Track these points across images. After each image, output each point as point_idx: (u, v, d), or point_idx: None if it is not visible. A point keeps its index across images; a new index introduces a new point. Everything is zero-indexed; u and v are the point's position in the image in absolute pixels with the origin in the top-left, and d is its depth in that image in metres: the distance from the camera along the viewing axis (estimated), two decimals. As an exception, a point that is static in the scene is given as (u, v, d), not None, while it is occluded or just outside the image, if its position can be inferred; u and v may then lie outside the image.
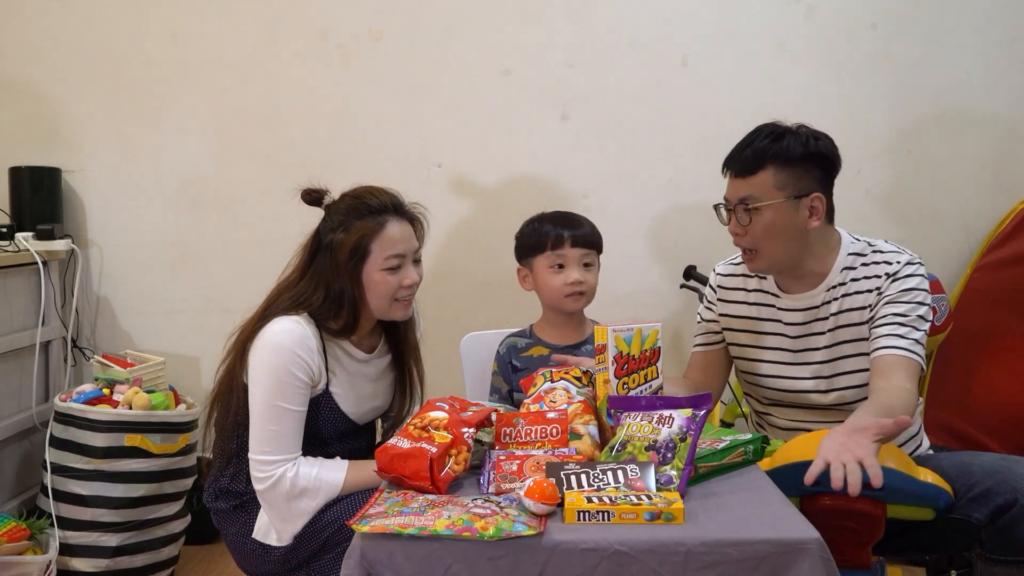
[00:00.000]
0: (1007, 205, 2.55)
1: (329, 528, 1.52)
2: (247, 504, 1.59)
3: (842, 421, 1.63)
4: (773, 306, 1.74)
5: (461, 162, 2.67)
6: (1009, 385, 2.43)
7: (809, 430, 1.67)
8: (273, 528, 1.55)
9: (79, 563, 2.23)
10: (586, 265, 1.78)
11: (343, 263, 1.56)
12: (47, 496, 2.26)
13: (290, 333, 1.53)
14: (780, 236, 1.62)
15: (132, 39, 2.69)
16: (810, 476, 1.27)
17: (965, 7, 2.55)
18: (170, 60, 2.69)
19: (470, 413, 1.41)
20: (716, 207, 1.71)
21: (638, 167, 2.64)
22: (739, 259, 1.82)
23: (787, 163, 1.61)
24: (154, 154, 2.72)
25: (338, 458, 1.59)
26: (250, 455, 1.54)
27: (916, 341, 1.57)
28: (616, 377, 1.47)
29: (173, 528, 2.37)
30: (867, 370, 1.63)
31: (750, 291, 1.79)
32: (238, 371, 1.58)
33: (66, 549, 2.22)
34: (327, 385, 1.60)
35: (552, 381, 1.54)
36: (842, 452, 1.28)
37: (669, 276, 2.62)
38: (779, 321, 1.73)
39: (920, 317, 1.59)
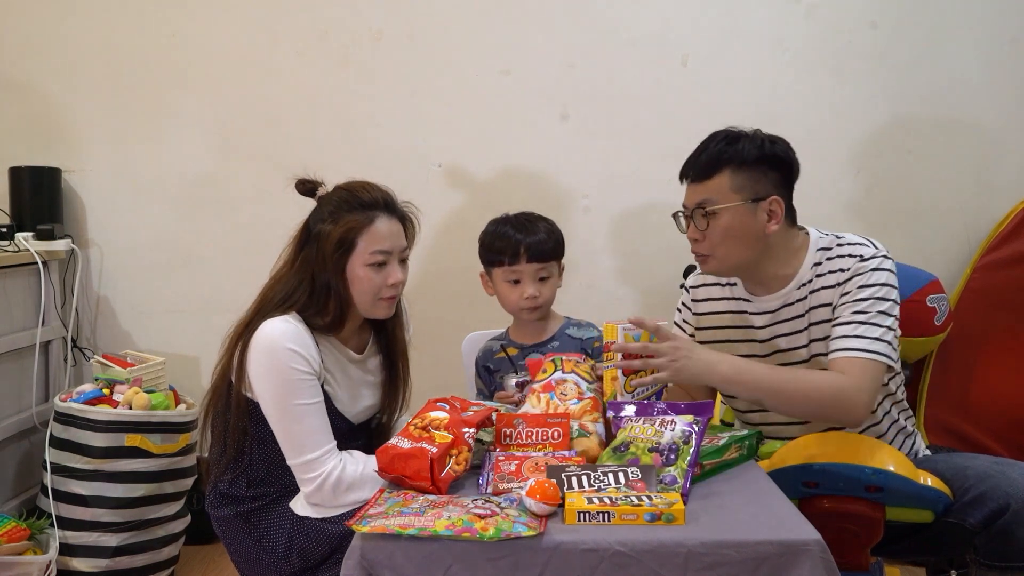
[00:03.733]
0: (1007, 205, 2.55)
1: (339, 534, 1.51)
2: (249, 514, 1.58)
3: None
4: (744, 312, 1.72)
5: (461, 162, 2.67)
6: (1009, 385, 2.43)
7: (787, 428, 1.68)
8: (316, 510, 1.55)
9: (79, 563, 2.23)
10: (542, 279, 1.79)
11: (329, 254, 1.55)
12: (47, 496, 2.26)
13: (281, 332, 1.51)
14: (737, 240, 1.59)
15: (132, 39, 2.69)
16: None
17: (965, 7, 2.55)
18: (170, 60, 2.69)
19: (471, 413, 1.41)
20: (675, 216, 1.68)
21: (638, 167, 2.64)
22: None
23: (743, 166, 1.58)
24: (154, 154, 2.72)
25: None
26: (289, 464, 1.53)
27: (876, 339, 1.49)
28: (624, 375, 1.48)
29: (173, 528, 2.37)
30: None
31: (718, 299, 1.78)
32: (236, 375, 1.56)
33: (66, 549, 2.22)
34: (323, 384, 1.58)
35: (563, 372, 1.52)
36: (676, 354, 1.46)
37: (669, 276, 2.62)
38: (751, 327, 1.71)
39: (882, 312, 1.52)
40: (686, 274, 2.54)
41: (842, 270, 1.60)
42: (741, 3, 2.58)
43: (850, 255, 1.60)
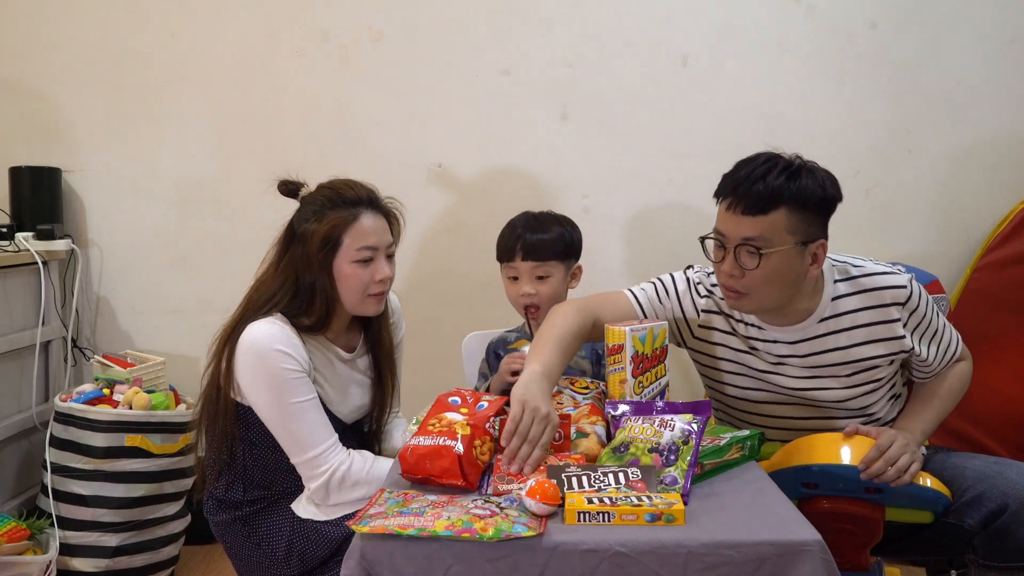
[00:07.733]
0: (1007, 205, 2.55)
1: (340, 537, 1.51)
2: (248, 517, 1.58)
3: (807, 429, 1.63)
4: (754, 338, 1.64)
5: (461, 162, 2.67)
6: (1009, 385, 2.42)
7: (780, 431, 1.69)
8: (319, 511, 1.55)
9: (79, 563, 2.24)
10: (540, 277, 1.79)
11: (314, 253, 1.55)
12: (47, 496, 2.26)
13: (267, 334, 1.51)
14: (779, 282, 1.50)
15: (132, 39, 2.69)
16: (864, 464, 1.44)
17: (965, 7, 2.55)
18: (170, 60, 2.69)
19: (485, 404, 1.41)
20: (703, 240, 1.58)
21: (638, 167, 2.64)
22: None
23: (803, 206, 1.47)
24: (154, 154, 2.72)
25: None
26: (294, 463, 1.53)
27: (959, 339, 1.71)
28: (633, 377, 1.48)
29: (173, 528, 2.37)
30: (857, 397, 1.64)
31: (724, 315, 1.68)
32: (224, 380, 1.55)
33: (66, 549, 2.23)
34: (312, 383, 1.57)
35: (559, 386, 1.55)
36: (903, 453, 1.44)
37: (669, 276, 2.62)
38: (752, 354, 1.65)
39: (945, 323, 1.67)
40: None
41: (885, 305, 1.57)
42: (741, 3, 2.58)
43: (886, 286, 1.57)
